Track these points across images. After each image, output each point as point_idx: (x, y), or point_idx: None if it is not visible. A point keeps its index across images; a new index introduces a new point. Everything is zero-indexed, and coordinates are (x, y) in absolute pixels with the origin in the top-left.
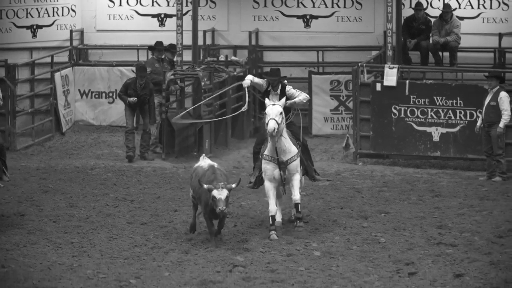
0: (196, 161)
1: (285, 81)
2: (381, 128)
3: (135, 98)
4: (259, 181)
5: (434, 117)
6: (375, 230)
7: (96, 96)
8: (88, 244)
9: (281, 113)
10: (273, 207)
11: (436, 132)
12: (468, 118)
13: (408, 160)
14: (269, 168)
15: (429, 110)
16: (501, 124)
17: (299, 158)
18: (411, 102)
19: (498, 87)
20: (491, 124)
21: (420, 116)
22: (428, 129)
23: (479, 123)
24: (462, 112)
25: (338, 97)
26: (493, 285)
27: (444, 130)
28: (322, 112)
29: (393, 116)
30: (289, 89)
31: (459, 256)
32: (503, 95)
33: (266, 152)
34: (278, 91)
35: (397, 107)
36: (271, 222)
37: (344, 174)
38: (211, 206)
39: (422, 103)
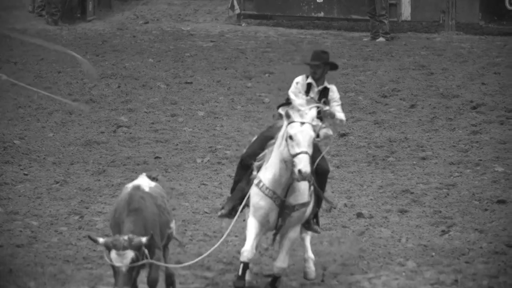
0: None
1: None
2: None
3: None
4: (236, 210)
5: None
6: (259, 90)
7: None
8: None
9: (314, 138)
10: (249, 249)
11: None
12: None
13: (292, 21)
14: (263, 206)
15: None
16: None
17: (310, 206)
18: None
19: None
20: None
21: None
22: None
23: None
24: None
25: None
26: (377, 144)
27: None
28: None
29: None
30: (334, 91)
31: None
32: None
33: (266, 182)
34: (318, 89)
35: None
36: (240, 273)
37: (228, 35)
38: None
39: None
